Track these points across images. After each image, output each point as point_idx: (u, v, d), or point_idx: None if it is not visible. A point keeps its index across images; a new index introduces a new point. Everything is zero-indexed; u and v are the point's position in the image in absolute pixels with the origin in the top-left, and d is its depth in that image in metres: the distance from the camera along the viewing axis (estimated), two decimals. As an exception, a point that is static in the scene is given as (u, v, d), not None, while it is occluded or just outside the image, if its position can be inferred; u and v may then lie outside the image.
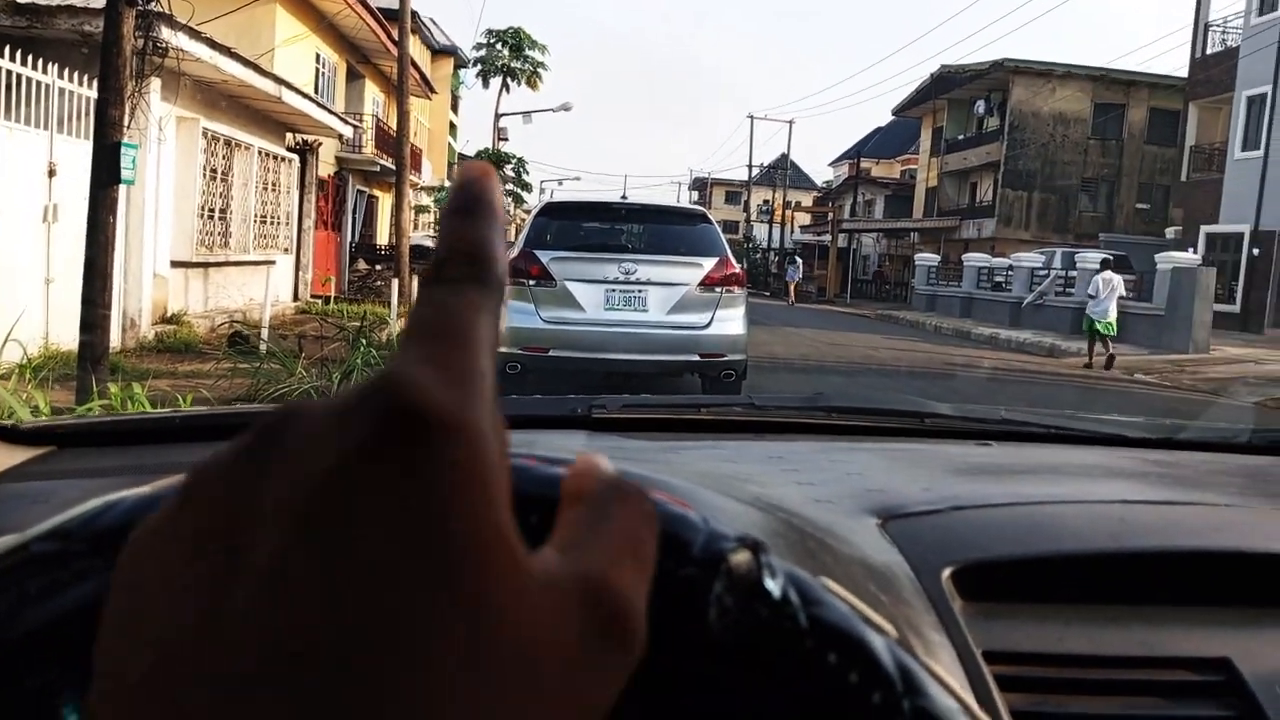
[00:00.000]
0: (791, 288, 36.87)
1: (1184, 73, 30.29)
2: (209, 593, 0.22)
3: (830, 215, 46.65)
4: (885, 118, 54.87)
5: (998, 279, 25.97)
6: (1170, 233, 29.02)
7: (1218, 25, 28.74)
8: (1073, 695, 0.62)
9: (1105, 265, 15.77)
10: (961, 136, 39.96)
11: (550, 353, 7.21)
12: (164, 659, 0.22)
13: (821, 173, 72.92)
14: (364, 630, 0.21)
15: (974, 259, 27.86)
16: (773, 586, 0.36)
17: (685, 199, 75.62)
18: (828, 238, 44.22)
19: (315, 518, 0.21)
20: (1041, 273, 23.35)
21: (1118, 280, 15.04)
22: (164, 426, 1.02)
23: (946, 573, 0.66)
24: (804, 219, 56.03)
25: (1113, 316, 14.82)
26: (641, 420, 1.17)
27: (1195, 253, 22.75)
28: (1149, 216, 34.84)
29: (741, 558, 0.36)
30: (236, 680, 0.21)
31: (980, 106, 37.85)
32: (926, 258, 32.39)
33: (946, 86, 38.79)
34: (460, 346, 0.24)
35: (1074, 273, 22.53)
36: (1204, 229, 26.74)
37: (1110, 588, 0.70)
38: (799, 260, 40.86)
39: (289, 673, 0.21)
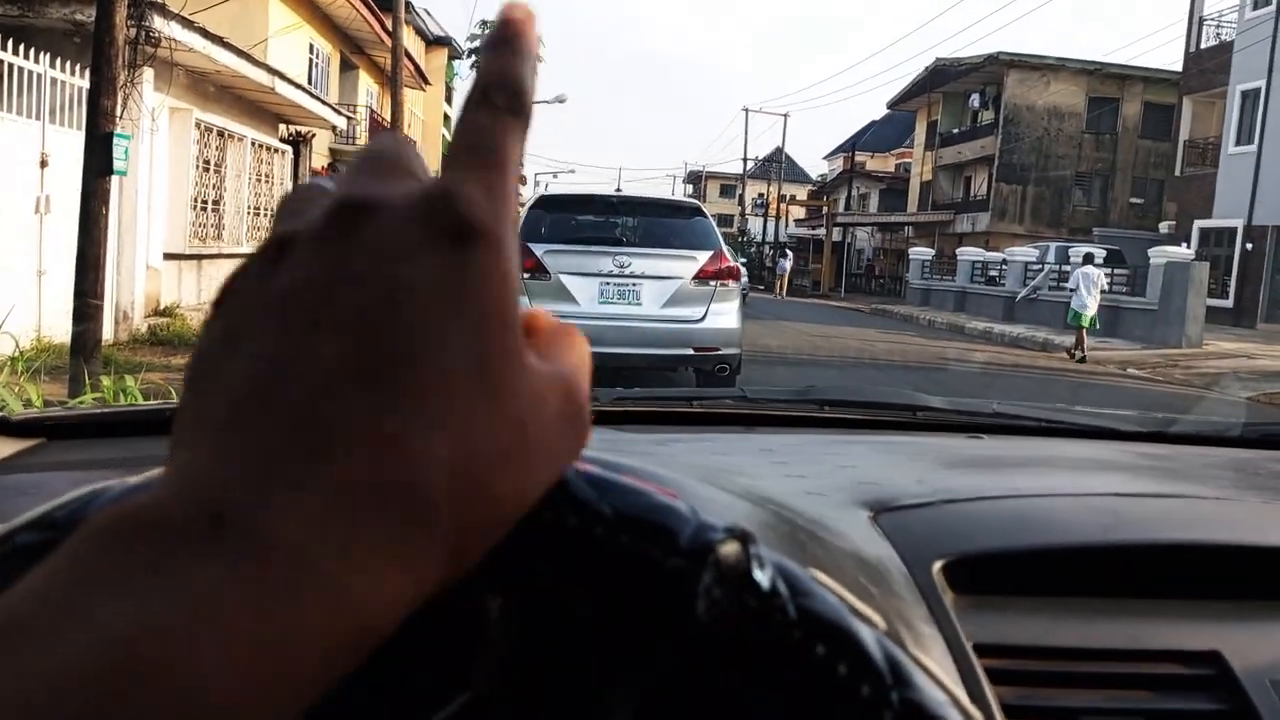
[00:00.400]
0: (782, 280, 36.90)
1: (1179, 67, 30.33)
2: (290, 333, 0.27)
3: (825, 209, 46.67)
4: (880, 111, 54.88)
5: (991, 273, 26.02)
6: (1164, 227, 29.07)
7: (1212, 19, 28.78)
8: (1063, 688, 0.63)
9: (1087, 260, 16.17)
10: (956, 130, 39.99)
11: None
12: (242, 391, 0.27)
13: (816, 166, 72.97)
14: (428, 372, 0.27)
15: (968, 253, 27.91)
16: (761, 578, 0.36)
17: (680, 192, 75.59)
18: (822, 232, 44.26)
19: (395, 285, 0.27)
20: (1035, 267, 23.39)
21: (1097, 274, 15.52)
22: (154, 418, 1.01)
23: (937, 565, 0.67)
24: (798, 213, 56.03)
25: (1093, 310, 15.31)
26: (633, 413, 1.17)
27: (1189, 247, 22.80)
28: (1143, 211, 34.91)
29: (730, 549, 0.36)
30: (308, 402, 0.26)
31: (975, 100, 37.90)
32: (921, 252, 32.44)
33: (941, 80, 38.81)
34: (497, 168, 0.30)
35: (1067, 267, 22.59)
36: (1197, 223, 26.80)
37: (1101, 580, 0.70)
38: (790, 253, 40.90)
39: (360, 395, 0.26)
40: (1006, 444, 1.11)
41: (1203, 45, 28.77)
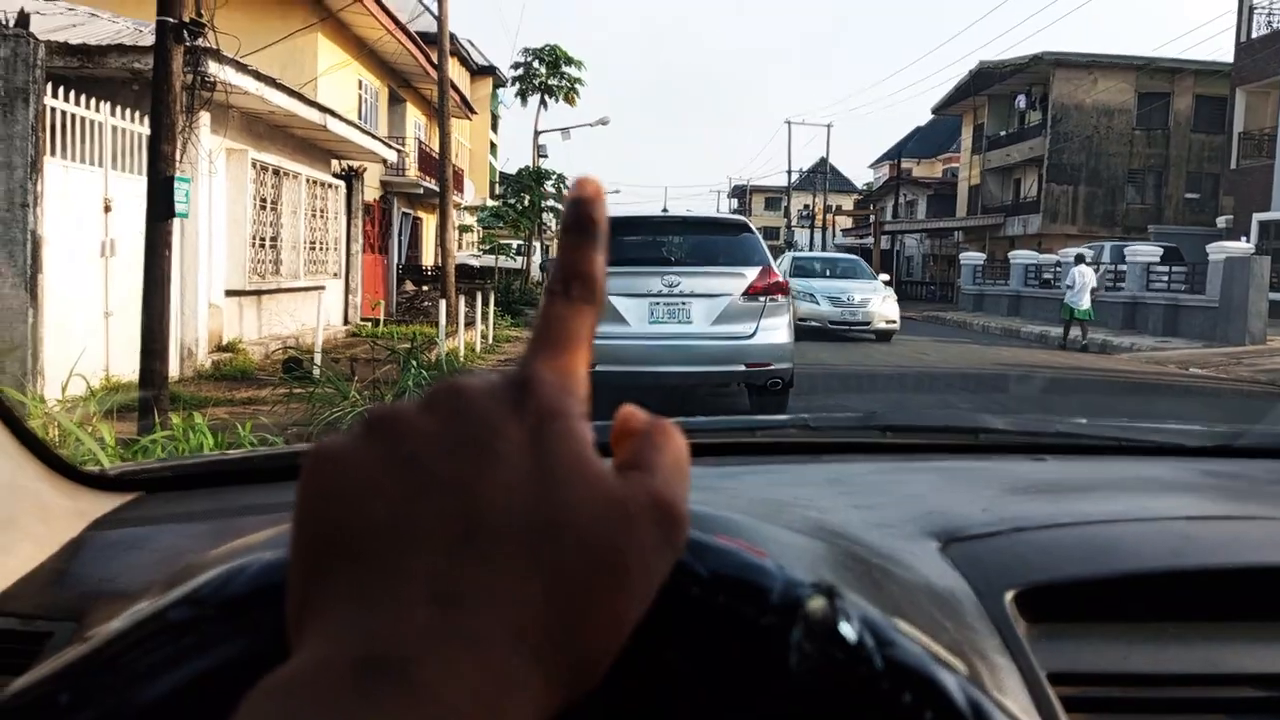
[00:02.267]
0: None
1: (1229, 58, 29.72)
2: (396, 497, 0.31)
3: (872, 217, 46.30)
4: (925, 117, 54.41)
5: (1046, 276, 25.63)
6: (1221, 222, 28.44)
7: (1262, 8, 28.17)
8: (1138, 714, 0.63)
9: (1079, 260, 18.73)
10: (1003, 133, 39.53)
11: (596, 368, 7.20)
12: (365, 551, 0.31)
13: (861, 175, 72.50)
14: (515, 522, 0.31)
15: (1020, 256, 27.53)
16: (848, 631, 0.38)
17: (725, 207, 75.48)
18: (870, 240, 43.91)
19: (488, 450, 0.32)
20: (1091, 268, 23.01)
21: (1091, 273, 18.34)
22: (244, 468, 1.06)
23: (1009, 595, 0.67)
24: (845, 222, 55.68)
25: (1086, 305, 17.95)
26: (697, 445, 1.19)
27: (1248, 241, 22.27)
28: (1199, 206, 34.19)
29: (817, 604, 0.39)
30: (431, 556, 0.30)
31: (1021, 101, 37.44)
32: (972, 256, 32.07)
33: (986, 82, 38.41)
34: (569, 354, 0.35)
35: (1124, 267, 22.17)
36: (1256, 216, 26.18)
37: (1173, 605, 0.71)
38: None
39: (469, 547, 0.30)
40: (1071, 465, 1.11)
41: (1254, 34, 28.17)
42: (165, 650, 0.38)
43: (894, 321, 18.11)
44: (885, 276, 20.61)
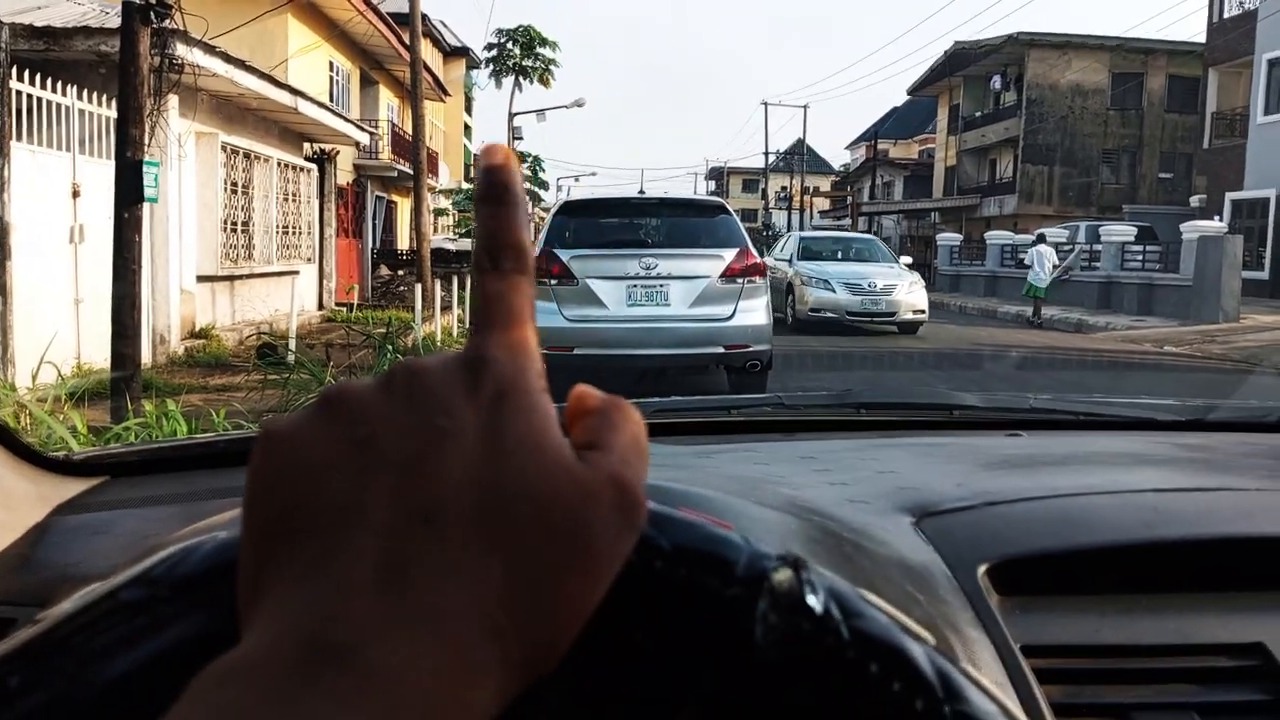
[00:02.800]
0: None
1: (1202, 38, 29.91)
2: (350, 478, 0.31)
3: (849, 199, 46.43)
4: (901, 98, 54.54)
5: (1021, 256, 25.79)
6: (1195, 201, 28.68)
7: (1235, -12, 28.35)
8: (1110, 685, 0.64)
9: (1039, 240, 19.28)
10: (979, 113, 39.66)
11: (575, 351, 7.23)
12: (316, 531, 0.30)
13: (839, 156, 72.60)
14: (471, 503, 0.30)
15: (996, 237, 27.67)
16: (814, 602, 0.38)
17: (702, 189, 75.47)
18: (847, 221, 44.04)
19: (442, 432, 0.31)
20: (1065, 248, 23.18)
21: (1049, 252, 18.93)
22: (210, 451, 1.05)
23: (982, 569, 0.68)
24: (823, 204, 55.79)
25: (1046, 282, 18.48)
26: (673, 424, 1.19)
27: (1221, 220, 22.49)
28: (1172, 186, 34.46)
29: (783, 575, 0.38)
30: (384, 537, 0.29)
31: (996, 82, 37.55)
32: (949, 237, 32.22)
33: (961, 63, 38.50)
34: (516, 326, 0.34)
35: (1099, 246, 22.33)
36: (1229, 196, 26.43)
37: (1144, 577, 0.71)
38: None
39: (425, 527, 0.30)
40: (1045, 440, 1.12)
41: (1226, 15, 28.35)
42: (118, 631, 0.37)
43: (922, 311, 15.40)
44: (908, 259, 18.26)
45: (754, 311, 7.52)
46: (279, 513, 0.31)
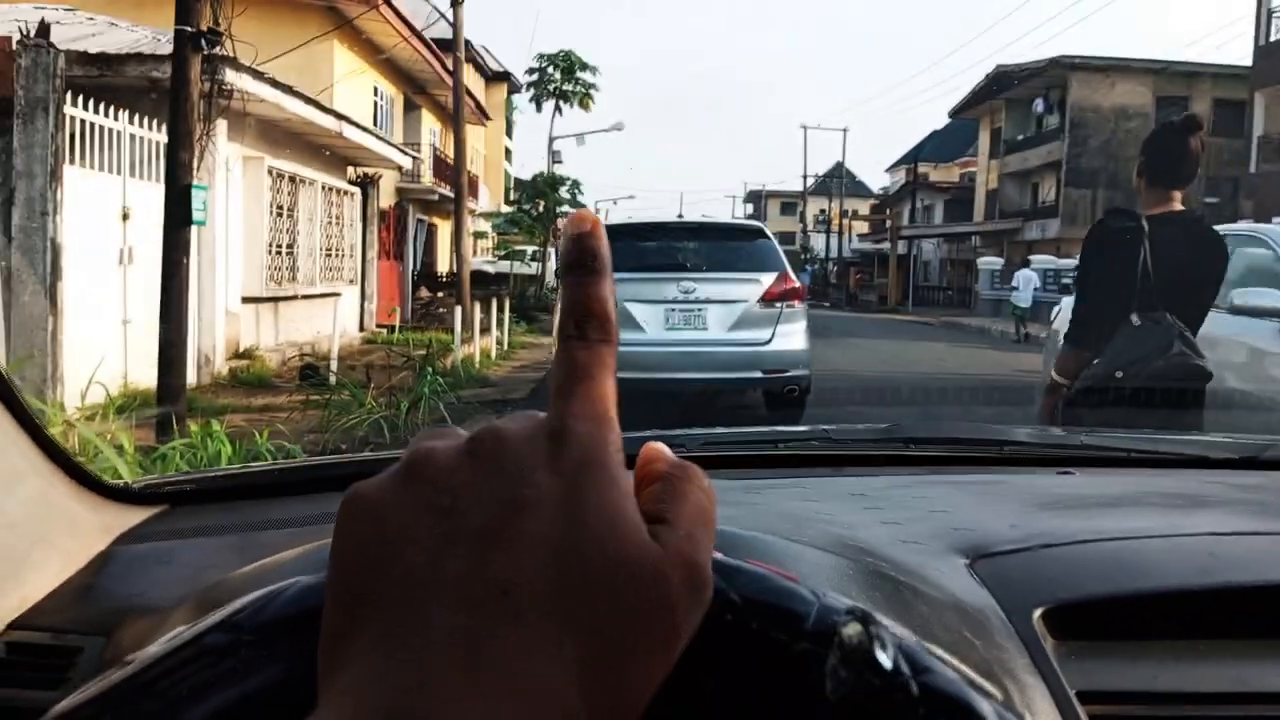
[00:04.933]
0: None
1: (1248, 61, 29.54)
2: (431, 547, 0.31)
3: (888, 222, 46.21)
4: (942, 121, 54.27)
5: (1065, 281, 25.49)
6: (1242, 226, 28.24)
7: (1281, 11, 28.00)
8: None
9: (1025, 264, 22.07)
10: (1021, 136, 39.37)
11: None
12: (397, 600, 0.30)
13: (878, 179, 72.40)
14: (549, 579, 0.30)
15: (1039, 261, 27.40)
16: (884, 658, 0.38)
17: (740, 213, 75.47)
18: (887, 245, 43.82)
19: (524, 502, 0.32)
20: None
21: (1032, 276, 21.82)
22: (267, 481, 1.07)
23: (1038, 613, 0.67)
24: (862, 227, 55.56)
25: (1027, 303, 21.16)
26: (720, 458, 1.19)
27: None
28: (1218, 210, 33.86)
29: (853, 630, 0.38)
30: (462, 609, 0.30)
31: (1039, 105, 37.27)
32: (990, 261, 31.97)
33: (1003, 86, 38.27)
34: (600, 400, 0.34)
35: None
36: (1277, 220, 26.00)
37: (1202, 623, 0.70)
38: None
39: (502, 603, 0.30)
40: (1097, 479, 1.11)
41: (1272, 38, 27.99)
42: (203, 675, 0.38)
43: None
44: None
45: (793, 336, 7.49)
46: (361, 580, 0.32)
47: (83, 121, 8.28)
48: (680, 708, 0.40)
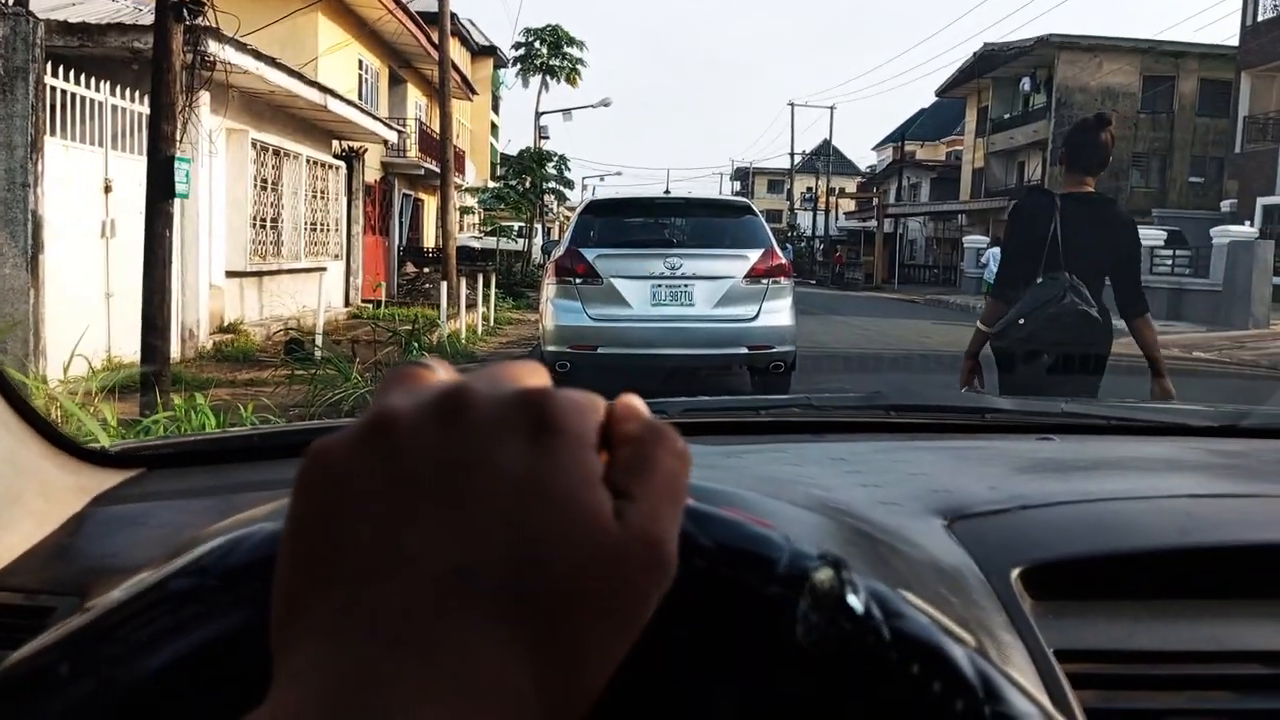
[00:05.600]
0: None
1: (1235, 42, 29.57)
2: (390, 518, 0.30)
3: (875, 200, 46.22)
4: (928, 99, 54.21)
5: (1049, 259, 25.57)
6: (1225, 206, 28.36)
7: (1269, -9, 28.01)
8: (1144, 691, 0.63)
9: (995, 243, 21.11)
10: (1007, 115, 39.38)
11: (598, 350, 7.23)
12: (352, 575, 0.29)
13: (865, 158, 72.31)
14: (508, 559, 0.29)
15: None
16: (855, 602, 0.38)
17: (727, 190, 75.32)
18: (873, 223, 43.84)
19: (488, 473, 0.30)
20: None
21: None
22: (245, 445, 1.06)
23: (1015, 573, 0.67)
24: (849, 205, 55.58)
25: None
26: (702, 424, 1.19)
27: (1252, 225, 22.23)
28: (1203, 190, 34.10)
29: (824, 575, 0.38)
30: (416, 587, 0.29)
31: (1026, 84, 37.29)
32: (975, 239, 32.02)
33: (990, 65, 38.24)
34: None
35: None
36: (1261, 201, 26.10)
37: (1179, 583, 0.71)
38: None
39: (455, 581, 0.29)
40: (1076, 445, 1.11)
41: (1259, 18, 28.02)
42: (166, 620, 0.38)
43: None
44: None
45: (779, 312, 7.49)
46: (317, 547, 0.30)
47: (64, 92, 8.18)
48: (651, 654, 0.40)
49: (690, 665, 0.39)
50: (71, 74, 8.26)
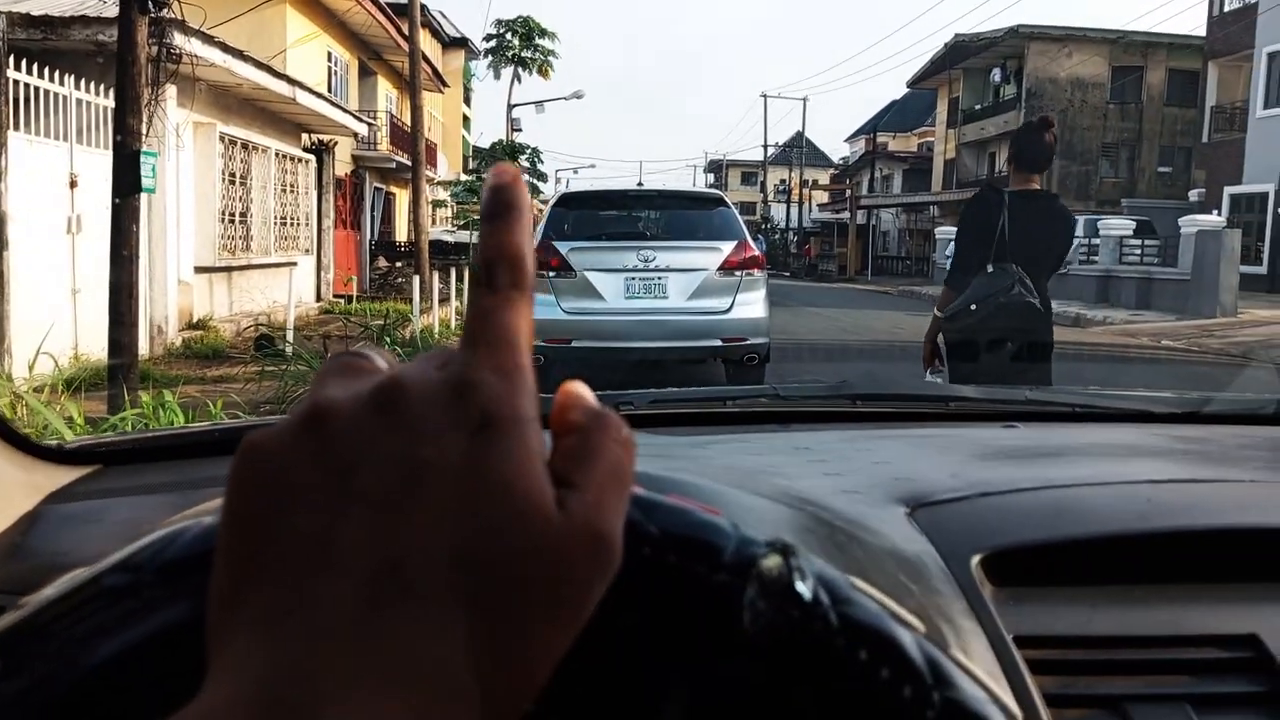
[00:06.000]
0: None
1: (1202, 32, 29.88)
2: (325, 511, 0.30)
3: (848, 192, 46.40)
4: (900, 90, 54.43)
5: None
6: (1193, 195, 28.67)
7: (1235, -18, 28.32)
8: (1104, 676, 0.63)
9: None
10: (978, 106, 39.63)
11: (572, 343, 7.22)
12: (285, 569, 0.29)
13: (838, 149, 72.52)
14: (444, 551, 0.29)
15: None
16: (803, 588, 0.37)
17: (701, 182, 75.40)
18: (846, 215, 44.01)
19: (424, 465, 0.30)
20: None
21: None
22: (205, 440, 1.04)
23: (976, 559, 0.67)
24: (821, 197, 55.74)
25: None
26: (668, 415, 1.19)
27: (1219, 215, 22.50)
28: (1171, 180, 34.46)
29: (772, 562, 0.38)
30: (351, 583, 0.28)
31: (996, 75, 37.53)
32: (947, 230, 32.19)
33: (961, 56, 38.46)
34: (509, 349, 0.32)
35: (1097, 240, 22.33)
36: (1227, 190, 26.42)
37: (1138, 568, 0.71)
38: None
39: (391, 576, 0.28)
40: (1040, 432, 1.12)
41: (1226, 8, 28.32)
42: (102, 616, 0.37)
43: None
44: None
45: (752, 304, 7.50)
46: (251, 541, 0.30)
47: (27, 86, 8.08)
48: (598, 643, 0.39)
49: (638, 654, 0.39)
50: (35, 68, 8.15)
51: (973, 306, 3.85)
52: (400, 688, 0.27)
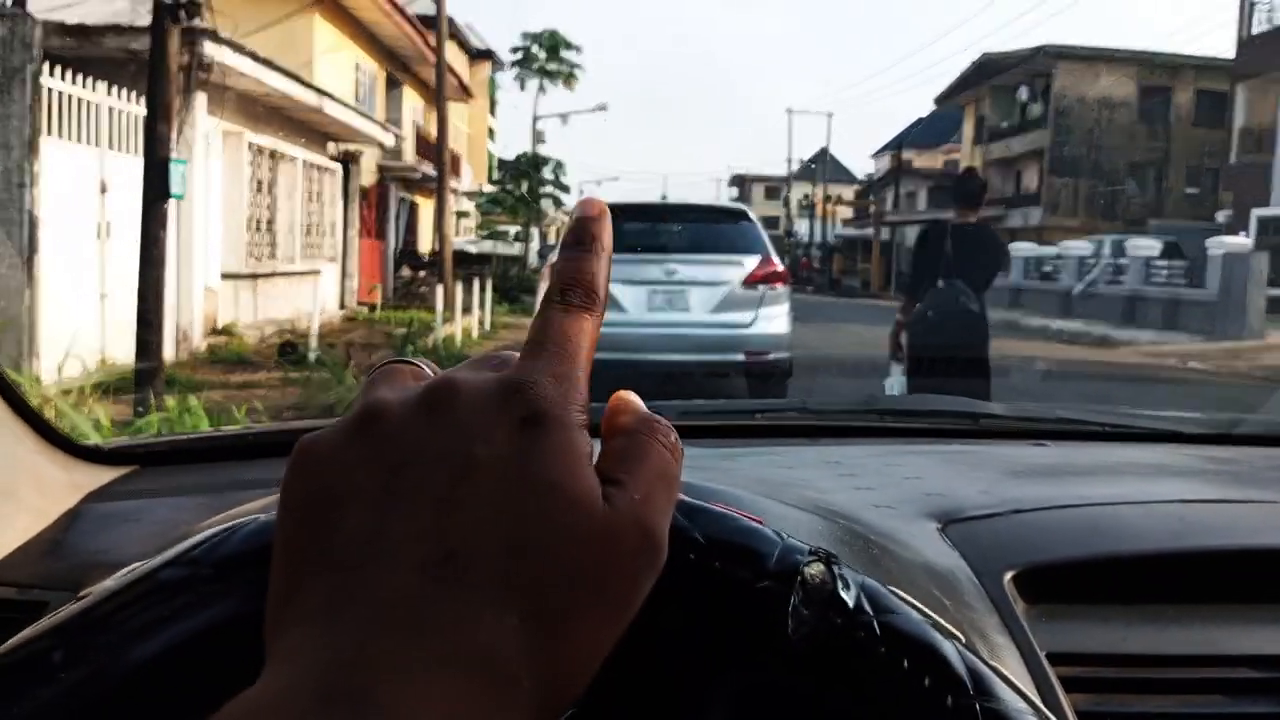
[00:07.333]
0: None
1: (1231, 53, 29.69)
2: (378, 506, 0.30)
3: (872, 208, 46.29)
4: (927, 107, 54.28)
5: (1046, 269, 25.62)
6: (1221, 217, 28.42)
7: (1264, 4, 28.12)
8: (1136, 694, 0.63)
9: None
10: (1005, 124, 39.46)
11: (595, 355, 7.22)
12: (341, 562, 0.30)
13: (862, 165, 72.40)
14: (496, 541, 0.30)
15: (1021, 248, 27.51)
16: (847, 596, 0.38)
17: (724, 196, 75.39)
18: (870, 231, 43.90)
19: (474, 460, 0.31)
20: (1090, 261, 23.00)
21: None
22: (240, 444, 1.06)
23: (1008, 576, 0.67)
24: (846, 213, 55.62)
25: None
26: (697, 427, 1.19)
27: (1247, 236, 22.30)
28: (1198, 201, 34.18)
29: (816, 569, 0.38)
30: (404, 573, 0.29)
31: (1024, 93, 37.38)
32: (970, 249, 32.05)
33: (989, 74, 38.32)
34: (568, 360, 0.34)
35: (1124, 260, 22.17)
36: (1255, 212, 26.16)
37: (1171, 587, 0.71)
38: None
39: (444, 568, 0.29)
40: (1070, 450, 1.11)
41: (1254, 30, 28.14)
42: (158, 609, 0.38)
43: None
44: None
45: (775, 319, 7.49)
46: (307, 538, 0.31)
47: (60, 93, 8.17)
48: (643, 645, 0.40)
49: (682, 658, 0.39)
50: (69, 74, 8.25)
51: (929, 313, 5.06)
52: (454, 673, 0.28)
